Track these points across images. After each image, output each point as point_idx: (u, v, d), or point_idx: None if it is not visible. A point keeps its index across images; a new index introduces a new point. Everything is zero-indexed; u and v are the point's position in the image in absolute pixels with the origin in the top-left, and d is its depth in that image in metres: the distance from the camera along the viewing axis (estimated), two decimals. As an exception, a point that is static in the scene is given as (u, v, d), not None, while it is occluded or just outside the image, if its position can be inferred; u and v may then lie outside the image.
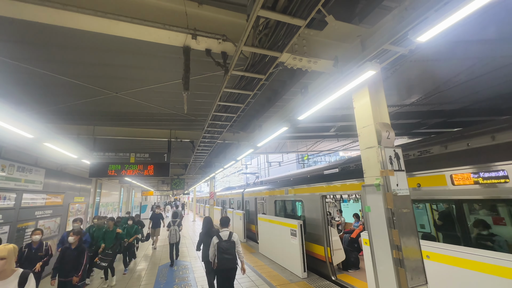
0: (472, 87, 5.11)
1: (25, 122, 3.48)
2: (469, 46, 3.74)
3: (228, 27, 2.37)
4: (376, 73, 2.44)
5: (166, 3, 2.17)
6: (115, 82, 3.90)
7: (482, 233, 3.30)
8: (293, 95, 4.76)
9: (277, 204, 8.76)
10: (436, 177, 3.68)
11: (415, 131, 7.98)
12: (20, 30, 2.62)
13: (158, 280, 6.13)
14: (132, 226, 7.39)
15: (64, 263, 4.21)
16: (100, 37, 2.58)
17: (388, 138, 2.59)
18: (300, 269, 5.89)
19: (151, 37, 2.19)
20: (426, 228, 4.17)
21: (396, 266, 2.25)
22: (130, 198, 20.52)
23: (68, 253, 4.28)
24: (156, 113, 5.29)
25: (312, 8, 1.65)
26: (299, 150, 13.90)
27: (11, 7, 1.82)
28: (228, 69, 2.41)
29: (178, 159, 10.90)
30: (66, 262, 4.22)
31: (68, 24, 1.99)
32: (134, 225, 7.47)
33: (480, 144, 3.69)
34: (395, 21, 2.18)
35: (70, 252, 4.29)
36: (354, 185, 5.18)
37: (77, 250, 4.31)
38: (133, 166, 5.90)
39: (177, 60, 3.32)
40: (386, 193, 2.41)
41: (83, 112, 5.06)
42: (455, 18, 1.66)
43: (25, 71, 3.37)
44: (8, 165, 5.54)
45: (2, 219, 5.31)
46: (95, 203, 11.89)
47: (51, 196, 7.47)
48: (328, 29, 2.57)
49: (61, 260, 4.23)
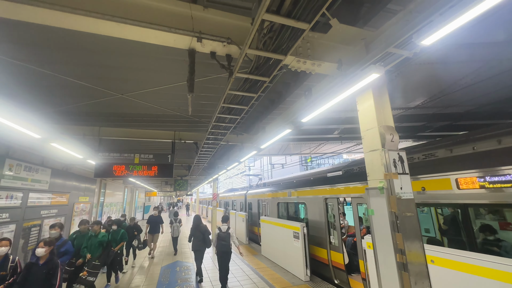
0: (478, 90, 5.06)
1: (32, 123, 3.54)
2: (475, 48, 3.71)
3: (232, 30, 2.40)
4: (380, 76, 2.43)
5: (172, 6, 2.21)
6: (121, 83, 3.95)
7: (489, 238, 3.25)
8: (296, 97, 4.77)
9: (280, 206, 8.74)
10: (441, 180, 3.64)
11: (420, 134, 7.91)
12: (28, 33, 2.68)
13: (160, 281, 6.15)
14: (118, 231, 6.08)
15: (29, 284, 3.09)
16: (107, 39, 2.62)
17: (392, 141, 2.58)
18: (302, 272, 5.85)
19: (157, 40, 2.23)
20: (431, 232, 4.12)
21: (399, 270, 2.23)
22: (133, 198, 20.66)
23: (34, 271, 3.17)
24: (160, 115, 5.34)
25: (317, 12, 1.67)
26: (302, 152, 13.86)
27: (21, 10, 1.86)
28: (232, 72, 2.43)
29: (181, 160, 10.96)
30: (32, 283, 3.10)
31: (76, 27, 2.03)
32: (121, 230, 6.15)
33: (486, 148, 3.65)
34: (399, 24, 2.18)
35: (37, 269, 3.19)
36: (357, 188, 5.15)
37: (46, 267, 3.23)
38: (138, 167, 5.96)
39: (182, 62, 3.35)
40: (390, 197, 2.40)
41: (89, 113, 5.14)
42: (460, 22, 1.65)
43: (32, 73, 3.44)
44: (15, 164, 5.64)
45: (9, 218, 5.40)
46: (99, 203, 12.00)
47: (57, 195, 7.57)
48: (332, 32, 2.58)
49: (24, 280, 3.11)
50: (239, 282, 5.94)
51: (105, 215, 12.93)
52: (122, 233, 6.08)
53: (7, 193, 5.37)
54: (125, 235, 6.17)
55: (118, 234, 6.06)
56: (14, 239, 5.52)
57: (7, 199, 5.36)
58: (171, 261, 8.03)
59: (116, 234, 6.05)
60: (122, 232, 6.11)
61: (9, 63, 3.19)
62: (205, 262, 7.71)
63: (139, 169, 5.96)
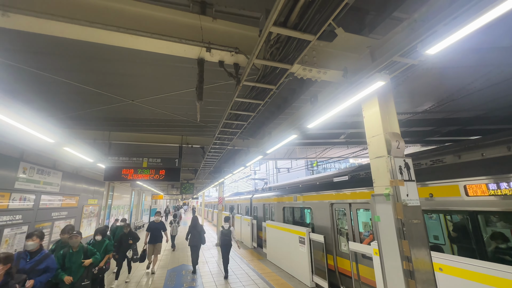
0: (488, 94, 5.00)
1: (46, 128, 3.69)
2: (483, 53, 3.68)
3: (240, 39, 2.47)
4: (385, 83, 2.46)
5: (183, 18, 2.30)
6: (131, 90, 4.08)
7: (500, 247, 3.19)
8: (302, 102, 4.81)
9: (285, 210, 8.73)
10: (449, 187, 3.60)
11: (429, 138, 7.81)
12: (45, 43, 2.83)
13: (166, 284, 6.20)
14: (102, 243, 4.89)
15: None
16: (120, 49, 2.74)
17: (398, 148, 2.59)
18: (308, 277, 5.81)
19: (168, 50, 2.32)
20: (440, 239, 4.06)
21: (406, 278, 2.23)
22: (140, 201, 20.91)
23: None
24: (168, 120, 5.45)
25: (322, 24, 1.72)
26: (308, 157, 13.82)
27: (40, 24, 1.98)
28: (240, 80, 2.50)
29: (188, 164, 11.09)
30: None
31: (93, 40, 2.14)
32: (105, 241, 4.98)
33: (495, 154, 3.60)
34: (404, 33, 2.21)
35: None
36: (364, 194, 5.12)
37: None
38: (146, 171, 6.08)
39: (190, 69, 3.46)
40: (396, 203, 2.40)
41: (99, 119, 5.30)
42: (465, 32, 1.68)
43: (47, 80, 3.60)
44: (29, 167, 5.83)
45: (22, 219, 5.57)
46: (107, 206, 12.21)
47: (67, 198, 7.76)
48: (338, 41, 2.63)
49: None
50: (244, 287, 5.94)
51: (113, 217, 13.14)
52: (106, 244, 4.89)
53: (20, 195, 5.55)
54: (111, 246, 5.05)
55: (102, 245, 4.83)
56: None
57: (20, 201, 5.54)
58: (177, 265, 8.09)
59: (100, 245, 4.81)
60: (107, 243, 4.93)
61: (26, 71, 3.35)
62: (206, 256, 7.78)
63: (147, 172, 6.08)
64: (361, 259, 4.82)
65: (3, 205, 5.02)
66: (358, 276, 4.90)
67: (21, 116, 3.11)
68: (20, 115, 3.10)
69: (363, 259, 4.77)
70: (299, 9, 1.63)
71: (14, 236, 5.33)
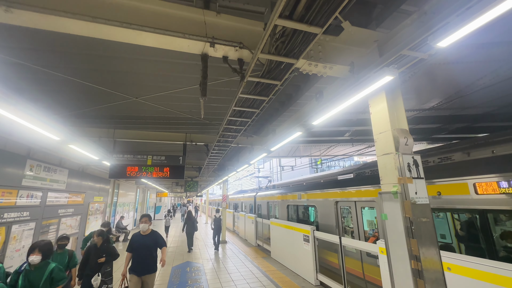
0: (497, 90, 4.86)
1: (52, 126, 3.71)
2: (493, 48, 3.57)
3: (244, 34, 2.43)
4: (393, 78, 2.39)
5: (186, 13, 2.26)
6: (135, 88, 4.07)
7: (510, 246, 3.11)
8: (307, 99, 4.75)
9: (289, 208, 8.69)
10: (458, 185, 3.52)
11: (436, 136, 7.67)
12: (49, 40, 2.82)
13: (171, 281, 6.24)
14: (62, 256, 3.92)
15: None
16: (124, 46, 2.72)
17: (406, 144, 2.52)
18: (312, 276, 5.79)
19: (172, 45, 2.29)
20: (447, 238, 3.98)
21: (414, 277, 2.18)
22: (145, 198, 21.10)
23: None
24: (172, 117, 5.45)
25: (329, 16, 1.67)
26: (312, 155, 13.74)
27: (43, 19, 1.96)
28: (244, 76, 2.46)
29: (192, 162, 11.11)
30: None
31: (96, 35, 2.12)
32: (66, 253, 3.99)
33: (506, 151, 3.50)
34: (414, 26, 2.14)
35: None
36: (369, 192, 5.05)
37: None
38: (150, 168, 6.09)
39: (194, 66, 3.42)
40: (404, 201, 2.34)
41: (104, 116, 5.31)
42: (479, 23, 1.61)
43: (51, 78, 3.60)
44: (35, 165, 5.90)
45: (29, 216, 5.65)
46: (113, 203, 12.34)
47: (73, 195, 7.85)
48: (344, 35, 2.56)
49: None
50: (248, 284, 5.95)
51: (118, 215, 13.28)
52: (67, 258, 3.94)
53: (28, 193, 5.62)
54: (75, 261, 4.01)
55: (64, 259, 3.91)
56: (33, 237, 5.77)
57: (28, 198, 5.62)
58: (182, 261, 8.14)
59: (62, 258, 3.89)
60: (71, 257, 3.97)
61: (32, 69, 3.36)
62: (210, 253, 7.82)
63: (151, 170, 6.10)
64: (366, 258, 4.76)
65: (11, 202, 5.09)
66: (363, 275, 4.85)
67: (27, 114, 3.12)
68: (27, 113, 3.10)
69: (367, 258, 4.71)
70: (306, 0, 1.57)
71: (22, 232, 5.41)
